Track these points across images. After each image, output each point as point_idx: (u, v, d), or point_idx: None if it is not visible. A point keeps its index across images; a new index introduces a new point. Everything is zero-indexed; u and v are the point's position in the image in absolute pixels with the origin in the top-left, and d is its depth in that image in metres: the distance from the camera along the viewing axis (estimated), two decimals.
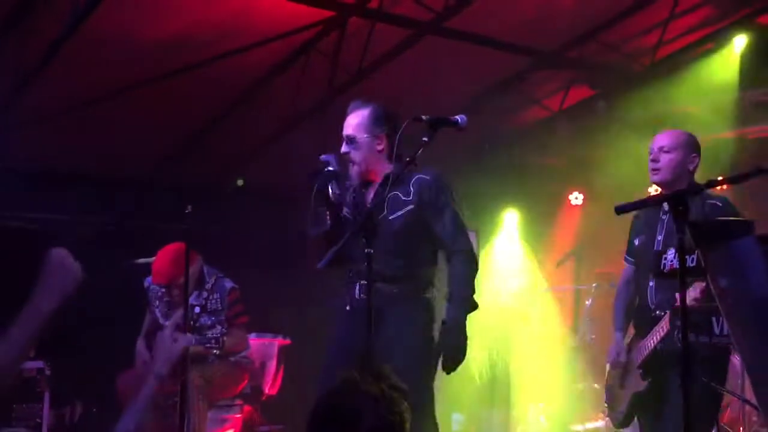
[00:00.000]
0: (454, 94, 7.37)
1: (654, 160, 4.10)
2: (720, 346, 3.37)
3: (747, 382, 4.84)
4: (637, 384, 4.03)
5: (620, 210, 2.80)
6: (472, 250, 4.00)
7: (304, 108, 6.97)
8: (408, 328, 3.87)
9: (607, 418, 6.60)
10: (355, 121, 4.02)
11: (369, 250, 3.30)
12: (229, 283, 5.64)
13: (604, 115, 7.55)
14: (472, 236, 7.63)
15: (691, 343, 2.76)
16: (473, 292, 3.90)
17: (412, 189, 3.91)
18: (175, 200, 5.53)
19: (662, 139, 4.14)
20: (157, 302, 5.65)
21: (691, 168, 4.09)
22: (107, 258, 6.29)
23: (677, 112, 7.16)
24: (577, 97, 7.88)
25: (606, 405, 4.53)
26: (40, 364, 5.76)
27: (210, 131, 7.10)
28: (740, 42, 6.86)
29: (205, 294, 5.55)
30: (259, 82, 6.70)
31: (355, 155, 3.98)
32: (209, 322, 5.51)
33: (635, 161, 7.54)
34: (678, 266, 2.83)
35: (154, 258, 5.60)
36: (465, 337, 3.85)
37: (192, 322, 5.38)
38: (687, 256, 3.03)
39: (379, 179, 3.98)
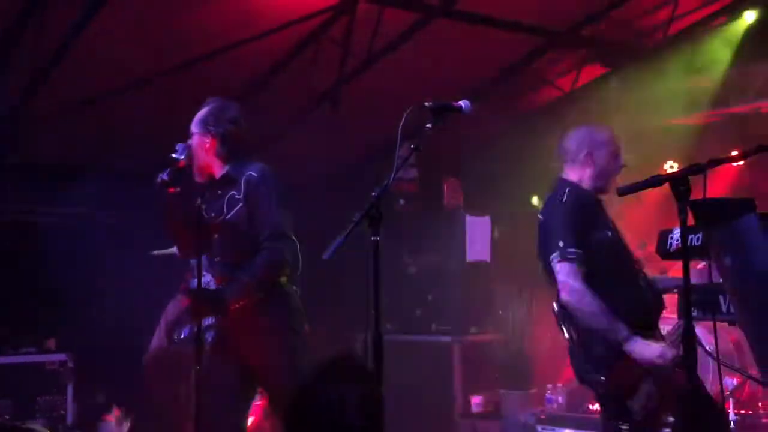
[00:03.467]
0: (465, 76, 7.37)
1: None
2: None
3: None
4: None
5: (623, 192, 2.81)
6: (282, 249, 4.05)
7: (315, 95, 6.99)
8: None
9: None
10: (195, 119, 4.19)
11: (376, 238, 3.31)
12: None
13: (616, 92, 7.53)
14: (485, 221, 7.77)
15: None
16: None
17: (242, 185, 4.03)
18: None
19: None
20: None
21: None
22: (123, 250, 6.40)
23: (689, 87, 7.14)
24: (589, 76, 7.84)
25: None
26: (63, 356, 5.84)
27: None
28: (751, 16, 6.81)
29: None
30: (269, 71, 6.72)
31: (192, 149, 4.12)
32: None
33: (648, 139, 7.56)
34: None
35: (170, 249, 5.66)
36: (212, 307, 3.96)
37: None
38: (692, 235, 3.04)
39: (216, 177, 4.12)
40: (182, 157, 4.01)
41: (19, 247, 6.60)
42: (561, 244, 3.68)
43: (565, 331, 3.76)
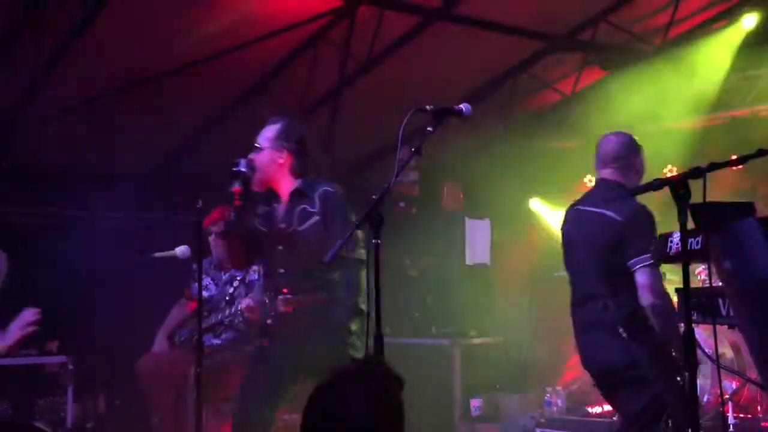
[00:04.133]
0: (466, 80, 7.38)
1: None
2: None
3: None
4: None
5: (630, 194, 2.81)
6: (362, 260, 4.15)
7: (315, 98, 7.00)
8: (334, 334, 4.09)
9: None
10: (263, 134, 4.31)
11: (377, 240, 3.32)
12: None
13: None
14: (485, 224, 7.78)
15: None
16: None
17: (317, 200, 4.17)
18: (186, 194, 5.59)
19: None
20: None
21: None
22: (124, 252, 6.40)
23: (688, 91, 7.15)
24: (589, 80, 7.85)
25: None
26: (63, 358, 5.84)
27: (221, 124, 7.14)
28: (749, 21, 6.83)
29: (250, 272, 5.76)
30: (269, 74, 6.73)
31: (258, 162, 4.22)
32: (244, 293, 5.68)
33: (647, 143, 7.57)
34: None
35: (171, 251, 5.68)
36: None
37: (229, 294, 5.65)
38: (691, 239, 3.04)
39: (283, 194, 4.26)
40: (246, 170, 4.15)
41: (18, 248, 6.60)
42: (651, 248, 3.80)
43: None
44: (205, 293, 5.73)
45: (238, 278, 5.76)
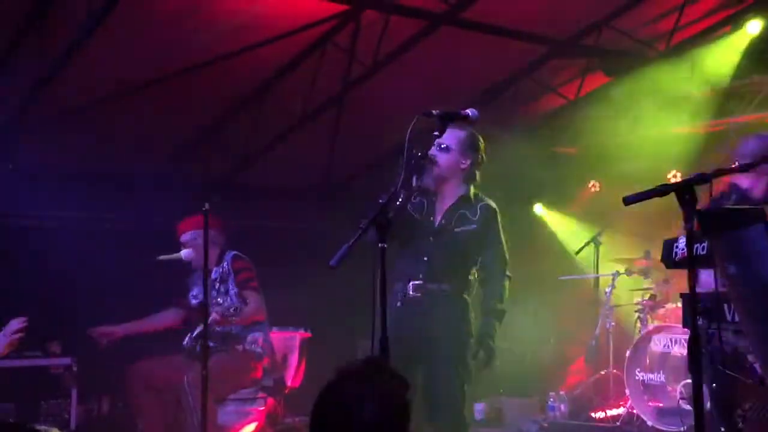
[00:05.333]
0: (470, 84, 7.40)
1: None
2: None
3: None
4: None
5: (629, 201, 2.81)
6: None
7: (320, 102, 7.01)
8: (458, 323, 4.31)
9: (628, 405, 6.65)
10: (453, 136, 4.30)
11: (383, 244, 3.33)
12: (232, 252, 5.85)
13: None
14: None
15: None
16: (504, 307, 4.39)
17: (479, 211, 4.38)
18: (191, 196, 5.61)
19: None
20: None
21: None
22: (129, 254, 6.42)
23: (692, 96, 7.16)
24: (593, 85, 7.86)
25: None
26: (67, 361, 5.85)
27: (225, 126, 7.16)
28: (754, 26, 6.84)
29: (221, 267, 5.79)
30: (274, 77, 6.75)
31: (443, 160, 4.30)
32: (223, 290, 5.69)
33: (651, 148, 7.59)
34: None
35: (176, 254, 5.70)
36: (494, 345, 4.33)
37: (214, 293, 5.65)
38: (697, 244, 3.05)
39: (449, 194, 4.40)
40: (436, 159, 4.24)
41: (23, 250, 6.61)
42: None
43: None
44: (194, 302, 5.75)
45: (215, 279, 5.75)
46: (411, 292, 4.26)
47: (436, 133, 3.50)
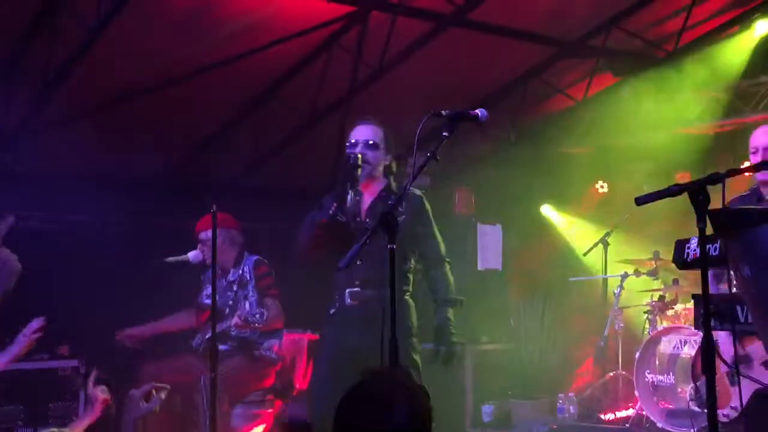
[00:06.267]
0: (477, 85, 7.38)
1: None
2: None
3: None
4: None
5: (641, 202, 2.79)
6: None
7: (327, 104, 7.00)
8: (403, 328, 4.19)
9: (638, 407, 6.62)
10: (376, 133, 4.43)
11: (392, 246, 3.32)
12: (254, 256, 5.87)
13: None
14: (496, 229, 7.76)
15: None
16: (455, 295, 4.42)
17: (405, 201, 4.21)
18: (198, 198, 5.60)
19: None
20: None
21: None
22: (137, 256, 6.41)
23: (701, 97, 7.14)
24: (601, 86, 7.84)
25: None
26: (75, 362, 5.84)
27: (232, 129, 7.15)
28: (762, 27, 6.82)
29: (240, 269, 5.81)
30: (281, 79, 6.74)
31: (372, 158, 4.35)
32: (242, 294, 5.71)
33: (659, 149, 7.57)
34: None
35: (183, 256, 5.69)
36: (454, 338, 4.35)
37: (231, 295, 5.67)
38: (710, 245, 3.03)
39: (371, 190, 4.39)
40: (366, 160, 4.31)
41: (32, 253, 6.61)
42: None
43: None
44: (207, 301, 5.73)
45: (232, 282, 5.75)
46: (348, 301, 4.27)
47: (445, 133, 3.49)
